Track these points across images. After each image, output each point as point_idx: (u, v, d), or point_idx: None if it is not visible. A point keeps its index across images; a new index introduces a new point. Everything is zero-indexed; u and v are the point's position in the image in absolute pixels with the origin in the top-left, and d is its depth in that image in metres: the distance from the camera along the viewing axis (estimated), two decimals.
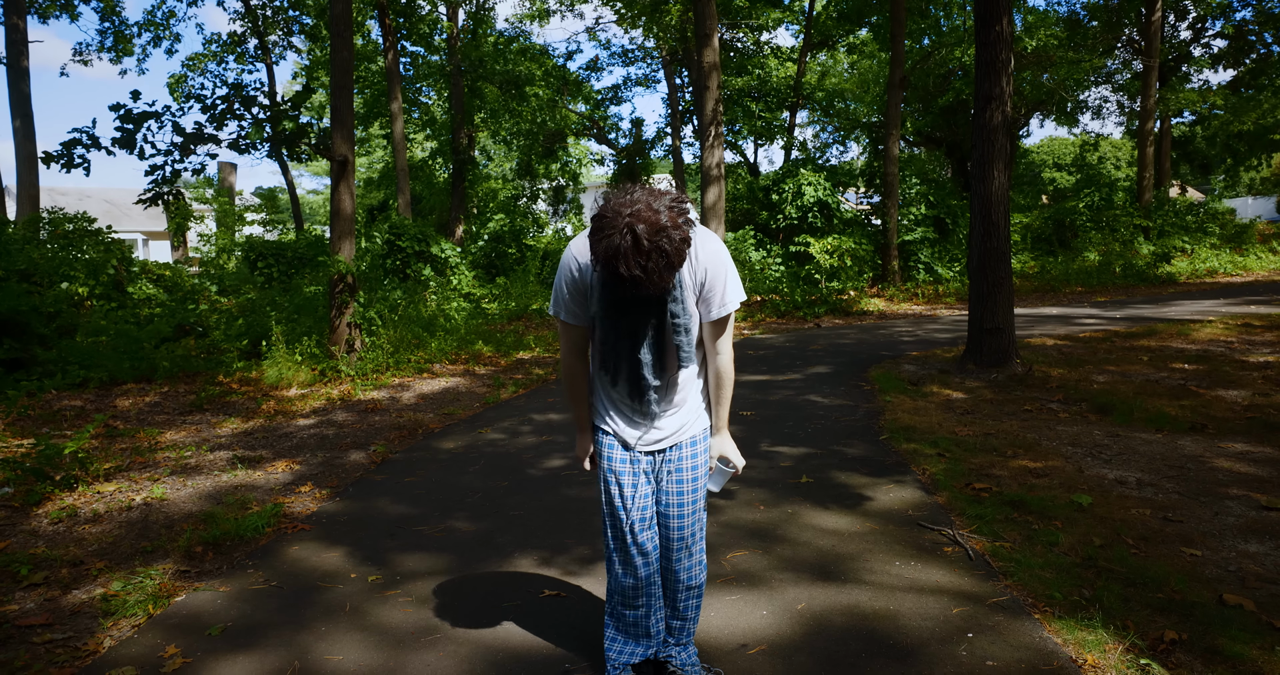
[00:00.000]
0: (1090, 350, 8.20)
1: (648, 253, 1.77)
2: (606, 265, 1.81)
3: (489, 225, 18.58)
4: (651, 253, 1.78)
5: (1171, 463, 4.41)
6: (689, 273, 2.07)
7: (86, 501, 4.27)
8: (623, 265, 1.78)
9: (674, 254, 1.81)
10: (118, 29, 18.71)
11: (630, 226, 1.77)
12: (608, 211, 1.81)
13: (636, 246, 1.76)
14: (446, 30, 19.60)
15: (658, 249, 1.78)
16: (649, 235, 1.77)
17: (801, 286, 13.86)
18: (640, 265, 1.78)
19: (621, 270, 1.78)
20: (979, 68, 6.98)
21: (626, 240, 1.77)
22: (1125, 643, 2.53)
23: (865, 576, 3.10)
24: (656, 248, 1.78)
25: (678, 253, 1.81)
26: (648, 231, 1.77)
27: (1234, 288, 14.82)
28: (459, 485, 4.49)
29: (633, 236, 1.76)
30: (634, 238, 1.76)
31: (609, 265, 1.80)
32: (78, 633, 2.85)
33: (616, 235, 1.77)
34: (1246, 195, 42.87)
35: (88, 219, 10.90)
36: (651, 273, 1.80)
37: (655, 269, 1.79)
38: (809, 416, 5.82)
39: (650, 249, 1.77)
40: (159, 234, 29.70)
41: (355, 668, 2.55)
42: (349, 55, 8.31)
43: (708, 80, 15.13)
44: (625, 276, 1.79)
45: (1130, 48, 21.98)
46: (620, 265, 1.78)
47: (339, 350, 8.25)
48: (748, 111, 23.13)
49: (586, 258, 2.06)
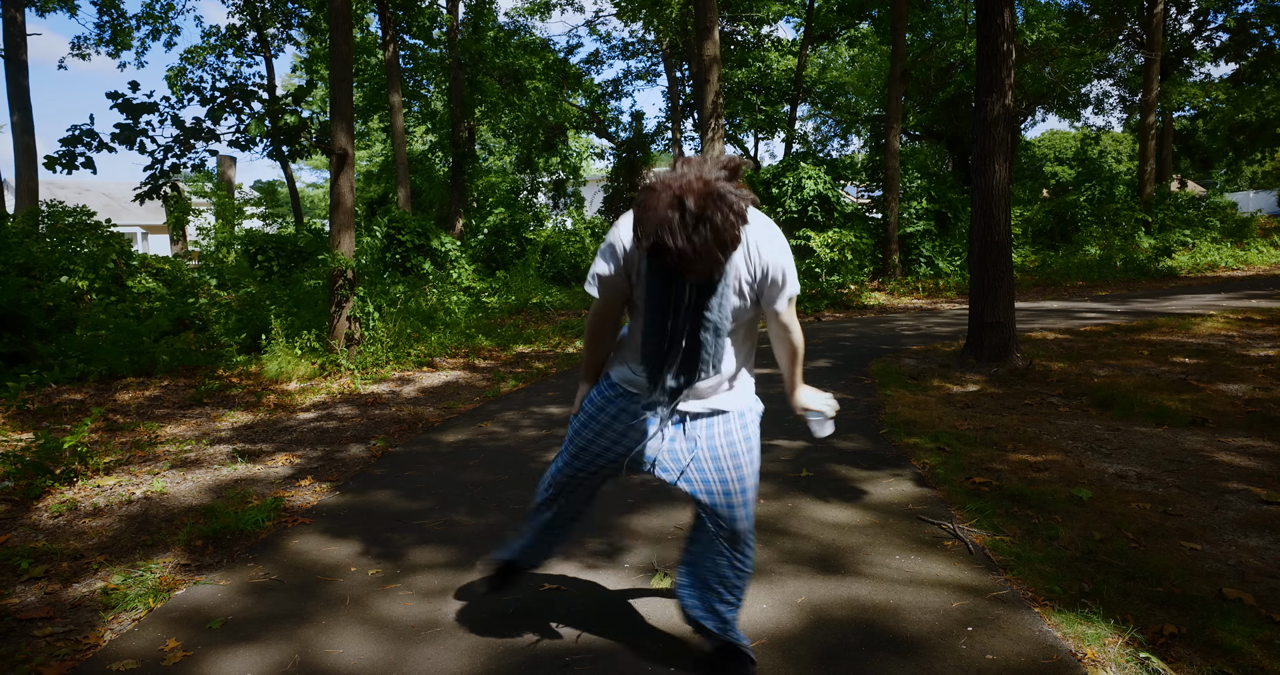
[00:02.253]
0: (1091, 344, 8.20)
1: (695, 222, 1.65)
2: (653, 238, 1.68)
3: (489, 219, 18.56)
4: (700, 223, 1.65)
5: (1172, 457, 4.41)
6: (744, 264, 1.98)
7: (87, 495, 4.28)
8: (669, 237, 1.66)
9: (725, 228, 1.67)
10: (115, 22, 18.65)
11: (679, 197, 1.66)
12: (656, 183, 1.71)
13: (683, 217, 1.65)
14: (446, 23, 19.52)
15: (707, 220, 1.65)
16: (698, 204, 1.65)
17: (802, 280, 13.84)
18: (687, 238, 1.65)
19: (669, 242, 1.66)
20: (980, 60, 6.96)
21: (674, 210, 1.65)
22: (1125, 636, 2.53)
23: (865, 570, 3.11)
24: (705, 218, 1.65)
25: (730, 227, 1.68)
26: (697, 201, 1.65)
27: (1235, 282, 14.80)
28: (459, 479, 4.49)
29: (680, 206, 1.65)
30: (681, 207, 1.65)
31: (655, 237, 1.68)
32: (78, 626, 2.85)
33: (663, 206, 1.67)
34: (1248, 189, 42.80)
35: (87, 212, 10.87)
36: (700, 248, 1.67)
37: (704, 244, 1.66)
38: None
39: (699, 218, 1.65)
40: (158, 228, 29.64)
41: (356, 661, 2.55)
42: (348, 48, 8.29)
43: (708, 73, 15.09)
44: (672, 249, 1.67)
45: (1132, 41, 21.91)
46: (667, 237, 1.66)
47: (339, 344, 8.25)
48: (748, 105, 23.08)
49: (628, 241, 1.96)
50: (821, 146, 30.49)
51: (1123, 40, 22.12)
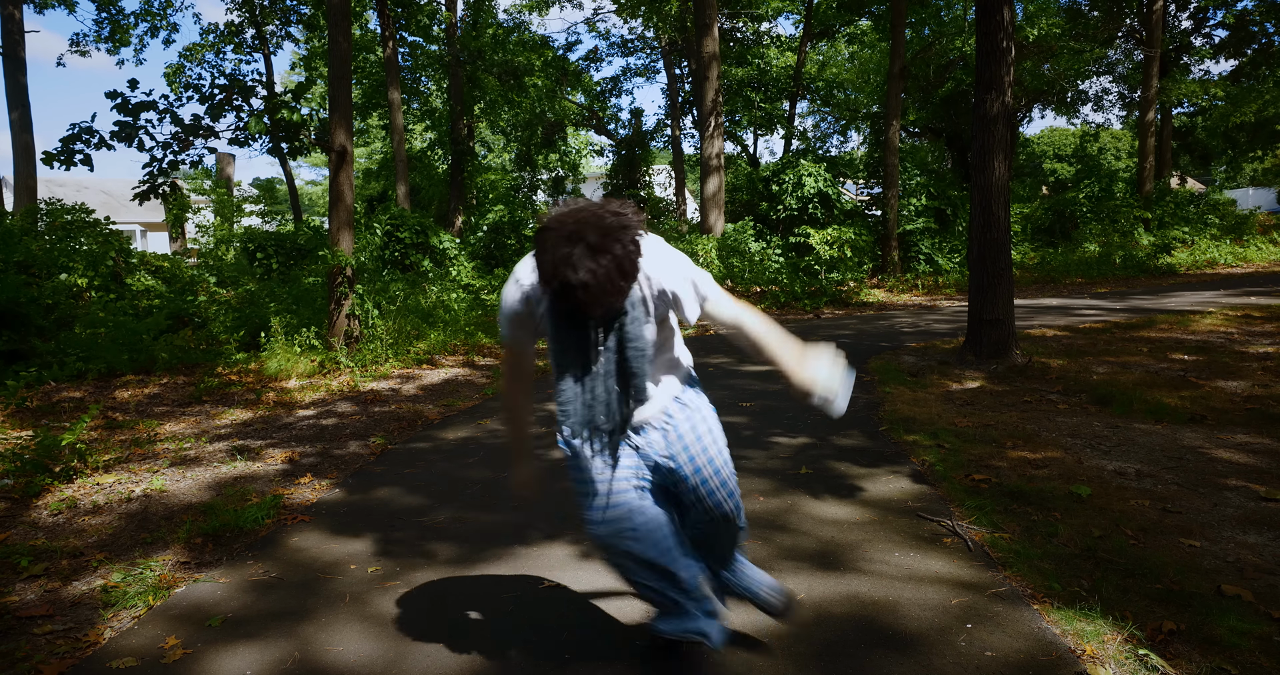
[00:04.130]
0: (1090, 341, 8.20)
1: (596, 253, 1.66)
2: (554, 274, 1.68)
3: (488, 216, 18.53)
4: (601, 254, 1.66)
5: (1171, 454, 4.41)
6: (641, 290, 1.94)
7: (86, 493, 4.28)
8: (570, 271, 1.66)
9: (625, 258, 1.69)
10: (114, 19, 18.62)
11: (578, 232, 1.67)
12: (552, 222, 1.71)
13: (586, 250, 1.66)
14: (445, 20, 19.49)
15: (607, 251, 1.67)
16: (598, 237, 1.67)
17: (801, 278, 13.84)
18: (590, 270, 1.66)
19: (570, 276, 1.66)
20: (980, 56, 6.95)
21: (572, 245, 1.67)
22: (1124, 633, 2.54)
23: (865, 567, 3.11)
24: (606, 250, 1.67)
25: (629, 258, 1.70)
26: (596, 234, 1.67)
27: (1234, 279, 14.81)
28: (459, 476, 4.49)
29: (581, 240, 1.67)
30: (583, 242, 1.67)
31: (556, 273, 1.68)
32: (78, 624, 2.85)
33: (563, 242, 1.68)
34: (1247, 186, 42.77)
35: (85, 210, 10.86)
36: (602, 280, 1.67)
37: (606, 275, 1.67)
38: (808, 408, 5.80)
39: (599, 250, 1.66)
40: (157, 225, 29.61)
41: (356, 659, 2.56)
42: (347, 45, 8.27)
43: (707, 70, 15.06)
44: (575, 284, 1.66)
45: (1131, 37, 21.90)
46: (568, 271, 1.66)
47: (338, 341, 8.24)
48: (748, 101, 23.06)
49: (531, 279, 1.94)
50: (821, 143, 30.50)
51: (1122, 37, 22.11)
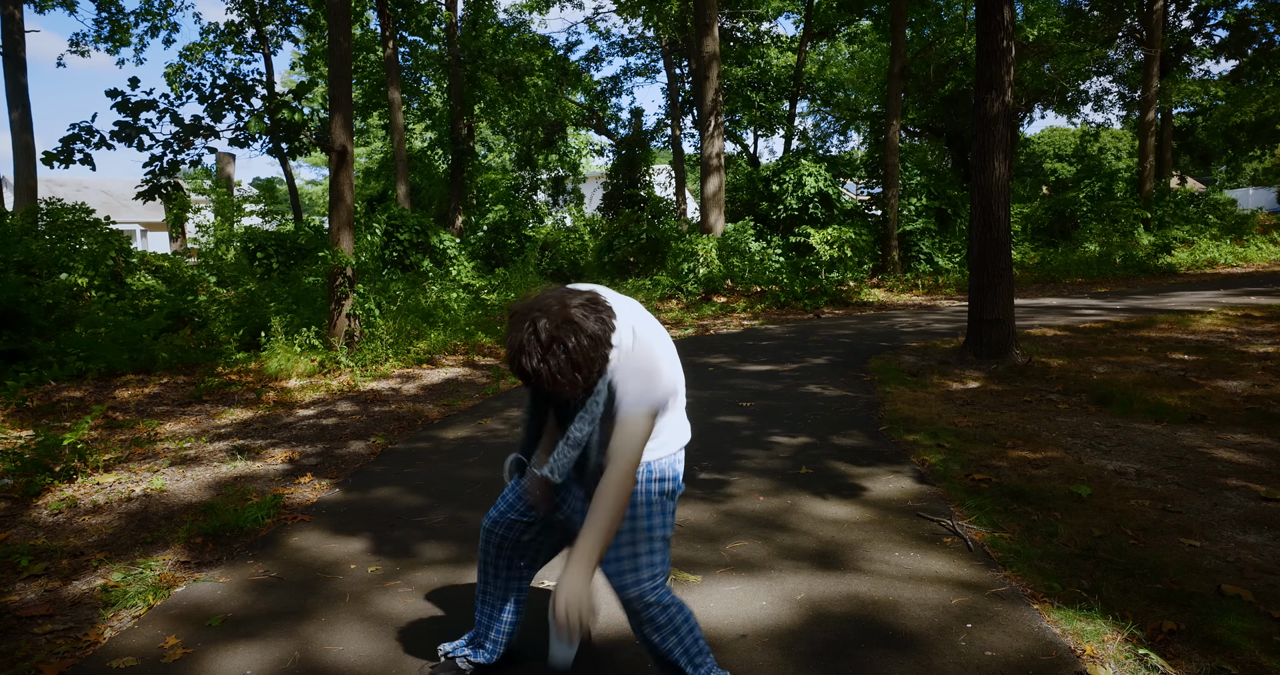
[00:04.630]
0: (1090, 341, 8.20)
1: (546, 345, 1.71)
2: (512, 361, 1.76)
3: (488, 216, 18.55)
4: (551, 346, 1.71)
5: (1171, 454, 4.42)
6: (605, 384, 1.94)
7: (86, 493, 4.28)
8: (525, 359, 1.72)
9: (576, 351, 1.72)
10: (114, 18, 18.62)
11: (534, 320, 1.73)
12: (519, 307, 1.78)
13: (536, 339, 1.71)
14: (445, 20, 19.49)
15: (559, 342, 1.71)
16: (551, 329, 1.71)
17: (801, 277, 13.84)
18: (541, 358, 1.71)
19: (524, 364, 1.73)
20: (980, 56, 6.95)
21: (528, 333, 1.72)
22: (1124, 633, 2.54)
23: (865, 566, 3.11)
24: (557, 341, 1.71)
25: (581, 351, 1.72)
26: (549, 325, 1.72)
27: (1234, 279, 14.80)
28: (459, 476, 4.50)
29: (534, 329, 1.72)
30: (535, 331, 1.72)
31: (514, 361, 1.75)
32: (78, 623, 2.85)
33: (521, 330, 1.74)
34: (1248, 186, 42.75)
35: (86, 210, 10.86)
36: (554, 370, 1.72)
37: (557, 366, 1.72)
38: (809, 407, 5.82)
39: (550, 342, 1.71)
40: (157, 225, 29.62)
41: (356, 658, 2.56)
42: (347, 45, 8.27)
43: (708, 70, 15.07)
44: (528, 372, 1.73)
45: (1131, 37, 21.90)
46: (523, 359, 1.73)
47: (338, 341, 8.25)
48: (748, 101, 23.05)
49: None
50: (821, 143, 30.48)
51: (1122, 37, 22.11)
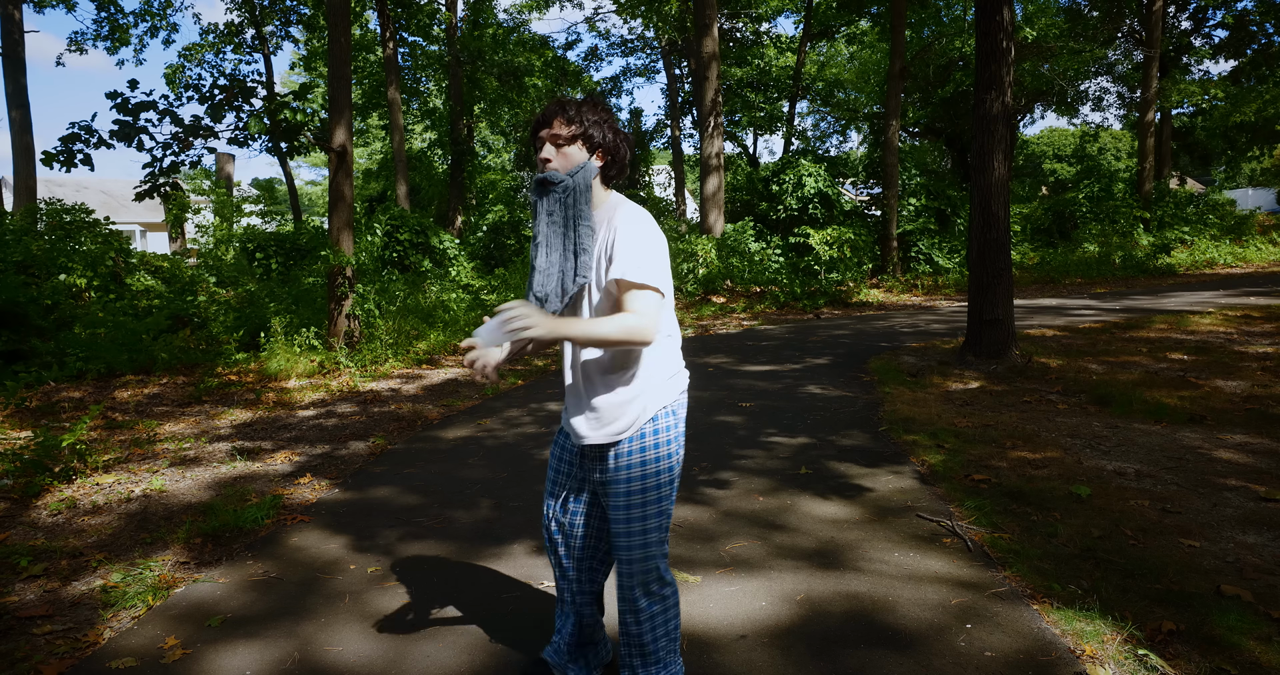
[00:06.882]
0: (1089, 341, 8.20)
1: (581, 103, 2.06)
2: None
3: (488, 216, 18.54)
4: (585, 103, 2.06)
5: (1170, 454, 4.42)
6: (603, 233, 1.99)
7: (86, 493, 4.28)
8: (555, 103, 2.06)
9: (602, 109, 2.05)
10: (114, 19, 18.61)
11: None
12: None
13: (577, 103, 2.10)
14: (445, 20, 19.50)
15: (596, 105, 2.07)
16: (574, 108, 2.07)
17: (801, 278, 13.84)
18: (571, 102, 2.08)
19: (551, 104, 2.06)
20: (979, 57, 6.95)
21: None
22: (1123, 633, 2.54)
23: (864, 566, 3.11)
24: (593, 105, 2.07)
25: (604, 112, 2.05)
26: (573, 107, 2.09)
27: (1233, 279, 14.81)
28: (459, 476, 4.50)
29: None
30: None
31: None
32: (78, 624, 2.85)
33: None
34: (1247, 186, 42.76)
35: (85, 210, 10.86)
36: (571, 103, 2.05)
37: (575, 105, 2.04)
38: (808, 407, 5.83)
39: (588, 102, 2.07)
40: (156, 225, 29.59)
41: (355, 658, 2.56)
42: (347, 45, 8.28)
43: (707, 70, 15.07)
44: (550, 105, 2.05)
45: (1131, 38, 21.90)
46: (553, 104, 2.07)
47: (338, 342, 8.24)
48: (747, 102, 23.06)
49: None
50: (820, 143, 30.51)
51: (1122, 37, 22.11)
